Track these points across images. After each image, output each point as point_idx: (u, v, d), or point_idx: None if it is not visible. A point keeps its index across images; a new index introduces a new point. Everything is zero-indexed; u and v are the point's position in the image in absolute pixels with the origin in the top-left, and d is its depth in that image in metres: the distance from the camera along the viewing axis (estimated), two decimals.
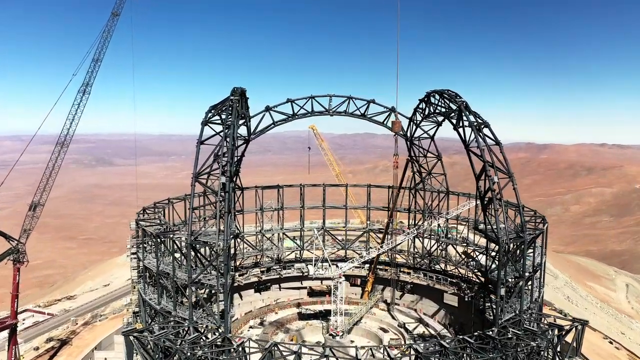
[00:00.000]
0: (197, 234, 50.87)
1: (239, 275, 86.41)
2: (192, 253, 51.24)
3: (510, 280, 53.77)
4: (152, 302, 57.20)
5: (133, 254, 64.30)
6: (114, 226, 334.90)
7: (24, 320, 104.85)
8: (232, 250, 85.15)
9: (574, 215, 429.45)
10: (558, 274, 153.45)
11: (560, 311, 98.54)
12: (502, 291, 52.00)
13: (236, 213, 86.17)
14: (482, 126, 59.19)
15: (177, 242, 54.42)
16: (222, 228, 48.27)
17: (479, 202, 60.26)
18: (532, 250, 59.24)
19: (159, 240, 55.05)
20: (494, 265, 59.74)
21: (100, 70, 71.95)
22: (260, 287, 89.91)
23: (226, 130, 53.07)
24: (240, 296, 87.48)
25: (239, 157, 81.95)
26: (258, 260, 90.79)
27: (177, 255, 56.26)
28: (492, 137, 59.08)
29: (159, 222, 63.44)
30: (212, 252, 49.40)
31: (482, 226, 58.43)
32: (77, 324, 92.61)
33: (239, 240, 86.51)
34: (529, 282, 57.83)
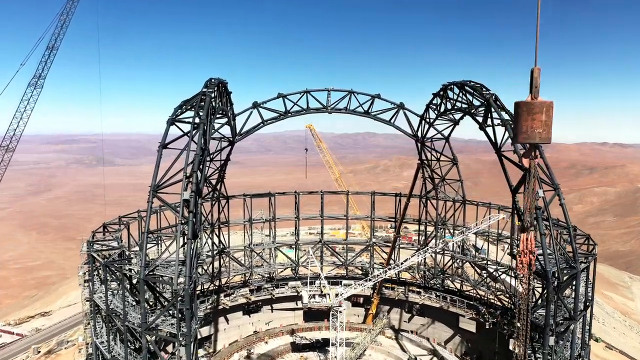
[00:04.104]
0: (153, 265, 38.95)
1: (225, 297, 75.45)
2: (148, 290, 39.45)
3: (560, 323, 41.92)
4: (103, 348, 45.40)
5: (86, 281, 52.33)
6: None
7: None
8: (217, 264, 74.48)
9: (577, 215, 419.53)
10: None
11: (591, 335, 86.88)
12: (552, 340, 40.08)
13: (221, 225, 75.74)
14: None
15: (129, 274, 42.23)
16: (184, 259, 36.22)
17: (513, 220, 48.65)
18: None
19: (107, 270, 43.17)
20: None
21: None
22: (250, 308, 78.61)
23: (193, 131, 41.02)
24: (227, 320, 76.42)
25: (223, 162, 71.56)
26: (247, 278, 79.43)
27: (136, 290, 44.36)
28: None
29: (116, 244, 51.11)
30: (172, 291, 37.41)
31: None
32: (39, 352, 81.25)
33: (224, 256, 75.45)
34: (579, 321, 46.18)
